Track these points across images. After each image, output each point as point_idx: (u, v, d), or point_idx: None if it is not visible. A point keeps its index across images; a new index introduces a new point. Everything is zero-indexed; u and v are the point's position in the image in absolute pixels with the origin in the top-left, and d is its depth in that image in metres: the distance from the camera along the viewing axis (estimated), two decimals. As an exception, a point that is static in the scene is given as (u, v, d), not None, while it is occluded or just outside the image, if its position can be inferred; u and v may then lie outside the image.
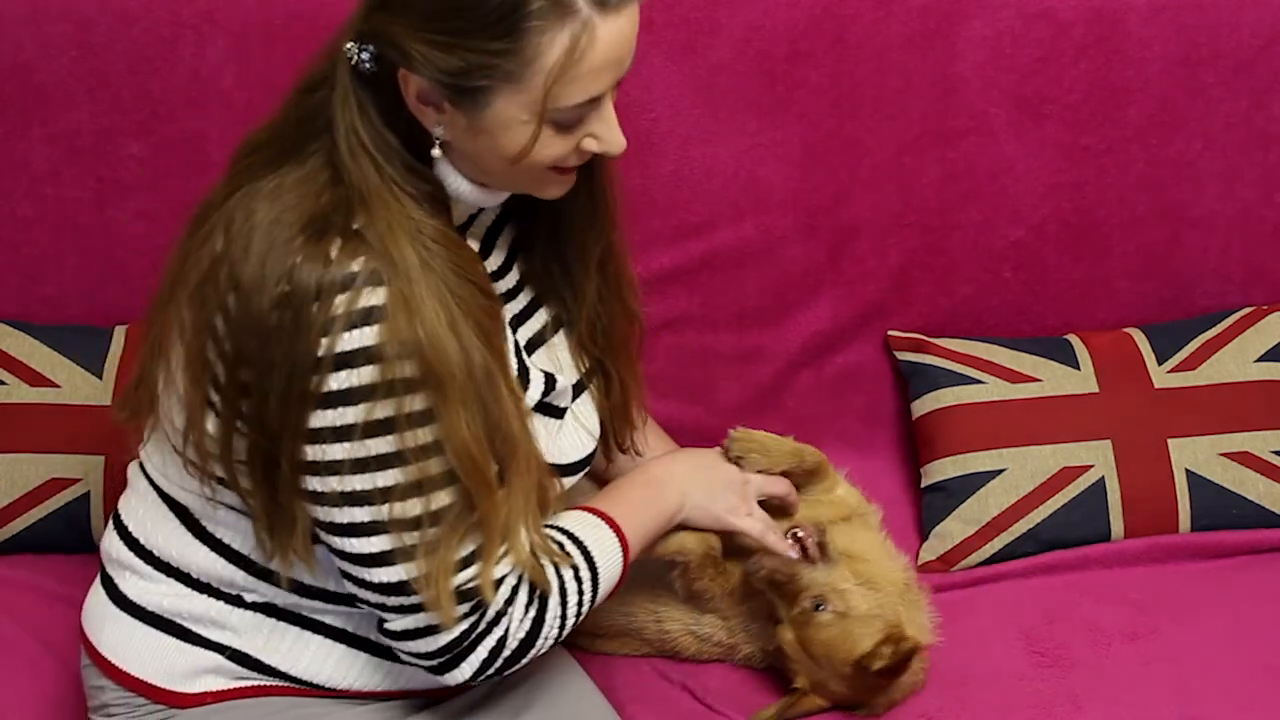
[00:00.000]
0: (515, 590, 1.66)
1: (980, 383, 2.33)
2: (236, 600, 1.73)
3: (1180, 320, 2.43)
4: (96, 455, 2.21)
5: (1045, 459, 2.27)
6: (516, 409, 1.62)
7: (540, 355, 1.79)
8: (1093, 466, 2.26)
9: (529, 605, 1.67)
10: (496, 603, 1.64)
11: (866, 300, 2.42)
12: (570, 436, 1.80)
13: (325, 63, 1.60)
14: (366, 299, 1.52)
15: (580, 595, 1.72)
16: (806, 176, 2.35)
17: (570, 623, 1.72)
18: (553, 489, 1.71)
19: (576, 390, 1.83)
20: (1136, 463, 2.26)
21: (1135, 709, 1.98)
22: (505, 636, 1.66)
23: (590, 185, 1.73)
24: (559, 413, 1.79)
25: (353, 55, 1.55)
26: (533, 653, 1.70)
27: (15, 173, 2.30)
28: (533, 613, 1.68)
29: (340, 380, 1.53)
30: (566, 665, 1.89)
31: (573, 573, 1.71)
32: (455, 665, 1.67)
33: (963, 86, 2.34)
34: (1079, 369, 2.34)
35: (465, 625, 1.64)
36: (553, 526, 1.74)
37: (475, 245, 1.72)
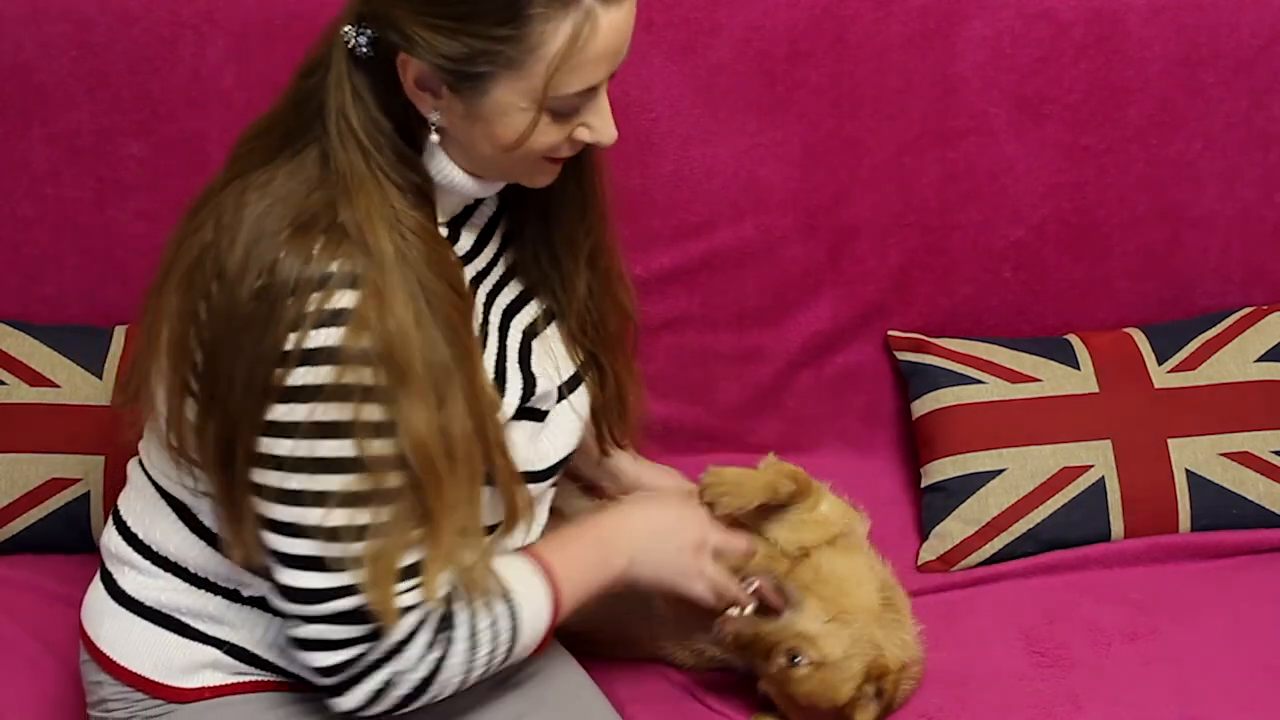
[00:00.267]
0: (417, 629, 1.62)
1: (980, 383, 2.33)
2: (233, 595, 1.72)
3: (1180, 320, 2.43)
4: (96, 455, 2.21)
5: (1045, 459, 2.27)
6: (471, 412, 1.59)
7: (535, 346, 1.78)
8: (1093, 466, 2.26)
9: (431, 646, 1.63)
10: (395, 634, 1.60)
11: (866, 300, 2.42)
12: (551, 439, 1.77)
13: (322, 46, 1.60)
14: (337, 300, 1.52)
15: (494, 650, 1.67)
16: (806, 176, 2.35)
17: (477, 674, 1.67)
18: (522, 498, 1.68)
19: (573, 383, 1.82)
20: (1136, 463, 2.26)
21: (1135, 709, 1.98)
22: (398, 674, 1.62)
23: (579, 178, 1.73)
24: (540, 415, 1.77)
25: (349, 38, 1.55)
26: (426, 698, 1.65)
27: (15, 173, 2.30)
28: (434, 654, 1.63)
29: (299, 376, 1.53)
30: (567, 665, 1.88)
31: (489, 623, 1.66)
32: (345, 690, 1.63)
33: (963, 86, 2.34)
34: (1079, 369, 2.34)
35: (359, 649, 1.61)
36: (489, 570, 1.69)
37: (473, 236, 1.72)
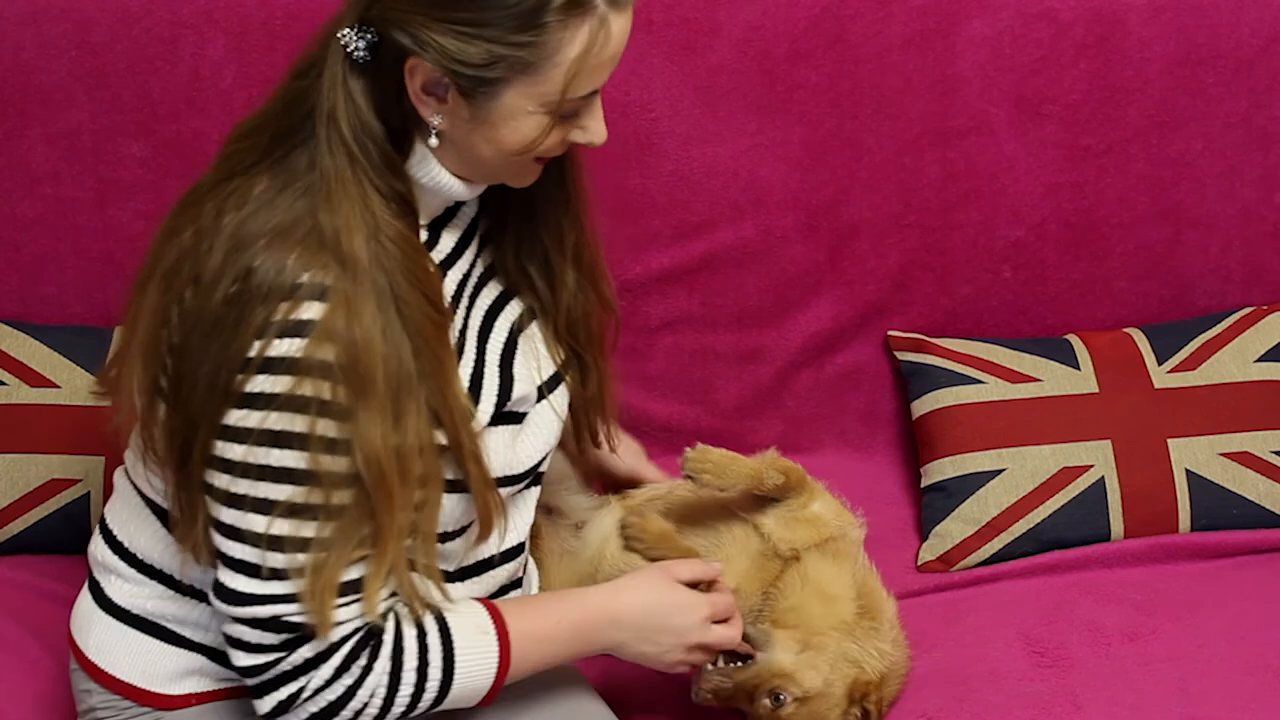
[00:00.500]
0: (332, 651, 1.60)
1: (980, 383, 2.33)
2: None
3: (1180, 320, 2.43)
4: (96, 455, 2.21)
5: (1045, 459, 2.27)
6: (440, 423, 1.59)
7: (521, 344, 1.77)
8: (1093, 466, 2.26)
9: (344, 670, 1.61)
10: (308, 650, 1.59)
11: (866, 300, 2.42)
12: (530, 440, 1.77)
13: (316, 48, 1.59)
14: (303, 311, 1.52)
15: (418, 692, 1.63)
16: (806, 176, 2.35)
17: (398, 711, 1.63)
18: (494, 503, 1.67)
19: (554, 382, 1.81)
20: (1136, 463, 2.26)
21: (1135, 709, 1.98)
22: (306, 690, 1.61)
23: (560, 175, 1.74)
24: (519, 418, 1.76)
25: (349, 42, 1.55)
26: None
27: (15, 173, 2.30)
28: (347, 679, 1.61)
29: (258, 384, 1.53)
30: (564, 666, 1.88)
31: (416, 664, 1.63)
32: (260, 693, 1.63)
33: (963, 86, 2.34)
34: (1079, 369, 2.34)
35: (272, 657, 1.61)
36: (434, 613, 1.66)
37: (455, 237, 1.72)
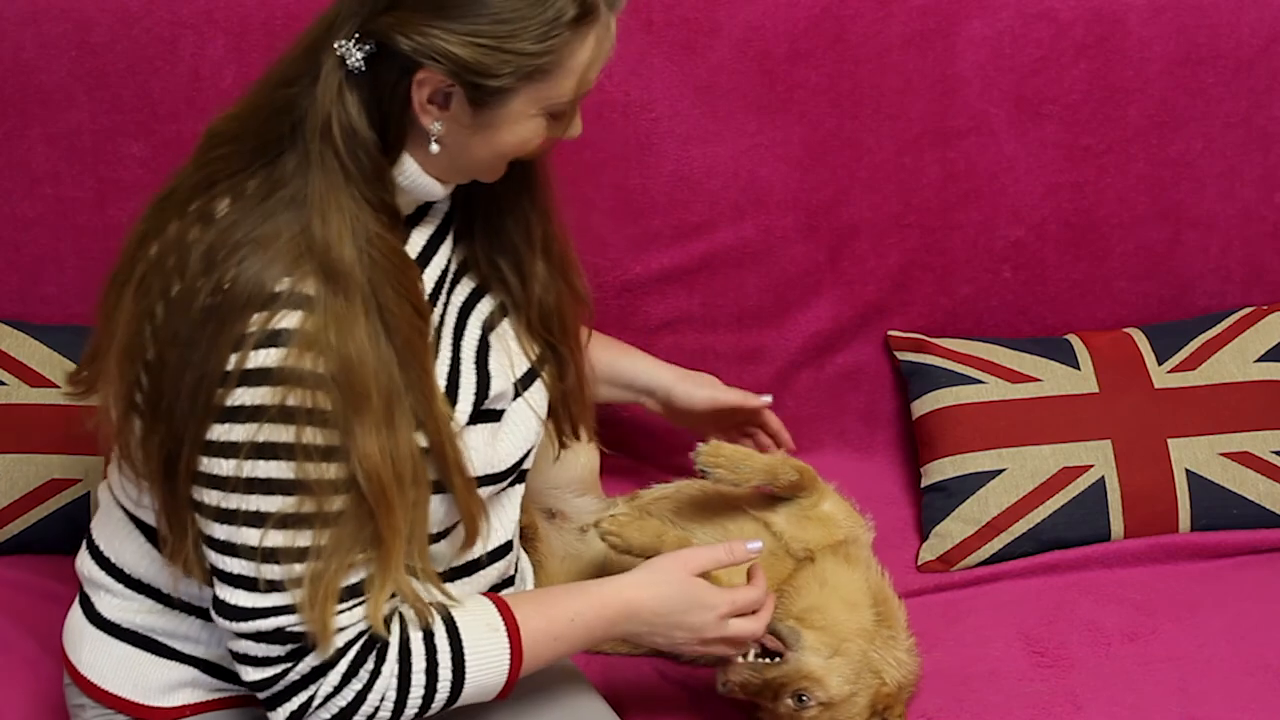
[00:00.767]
0: (339, 658, 1.61)
1: (980, 383, 2.33)
2: (206, 614, 1.70)
3: (1180, 320, 2.43)
4: (96, 456, 2.20)
5: (1045, 459, 2.27)
6: (425, 431, 1.59)
7: (493, 342, 1.77)
8: (1093, 466, 2.26)
9: (351, 675, 1.62)
10: (314, 658, 1.60)
11: (866, 300, 2.42)
12: (510, 438, 1.76)
13: (301, 57, 1.58)
14: (281, 321, 1.52)
15: (429, 693, 1.65)
16: (806, 176, 2.35)
17: (411, 712, 1.64)
18: (475, 506, 1.67)
19: (528, 379, 1.81)
20: (1136, 463, 2.26)
21: (1135, 709, 1.98)
22: (317, 698, 1.62)
23: (524, 165, 1.72)
24: (497, 415, 1.75)
25: (346, 53, 1.54)
26: None
27: (15, 173, 2.30)
28: (356, 684, 1.62)
29: (239, 397, 1.52)
30: (564, 665, 1.87)
31: (424, 666, 1.64)
32: (274, 705, 1.63)
33: (963, 86, 2.34)
34: (1079, 369, 2.34)
35: (280, 669, 1.61)
36: (441, 613, 1.67)
37: (426, 235, 1.71)
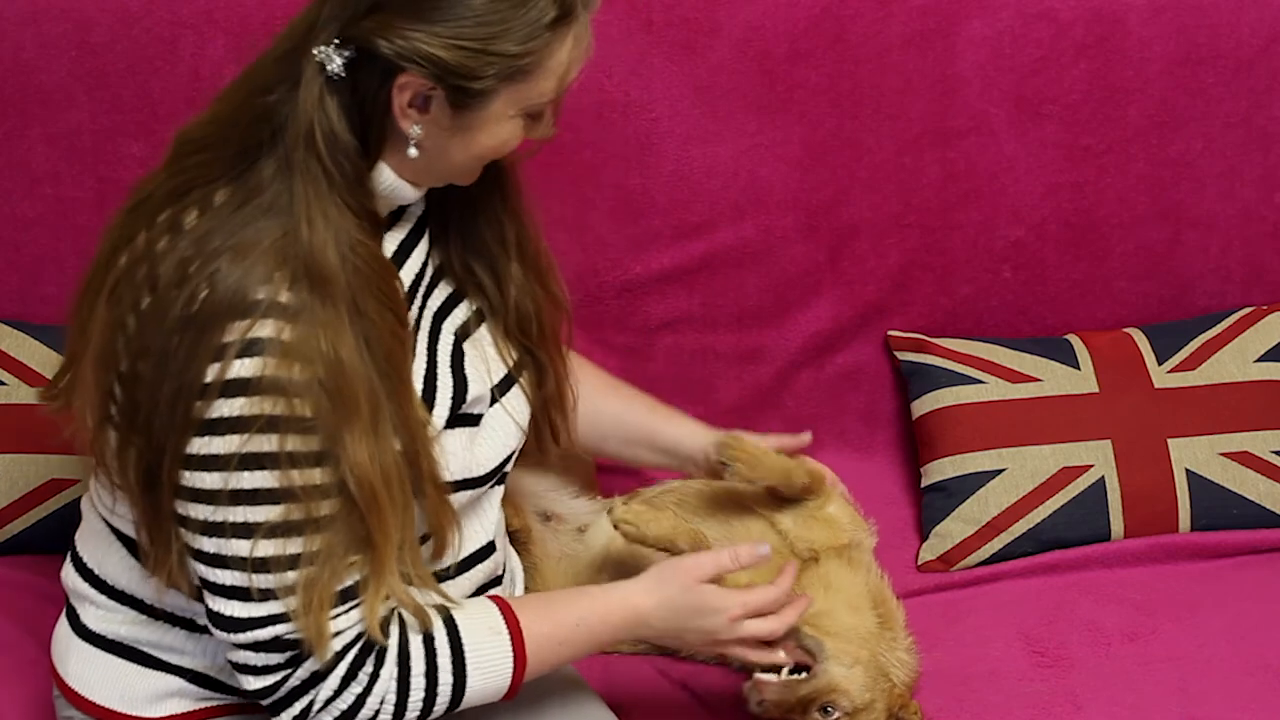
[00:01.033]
0: (336, 663, 1.61)
1: (980, 383, 2.33)
2: (190, 624, 1.71)
3: (1180, 320, 2.43)
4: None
5: (1045, 459, 2.27)
6: (402, 440, 1.58)
7: (467, 349, 1.75)
8: (1093, 466, 2.26)
9: (350, 679, 1.61)
10: (311, 664, 1.60)
11: (866, 300, 2.42)
12: (488, 442, 1.75)
13: (282, 63, 1.57)
14: (260, 329, 1.51)
15: (430, 697, 1.64)
16: (806, 176, 2.35)
17: (413, 715, 1.64)
18: (446, 516, 1.66)
19: (505, 384, 1.80)
20: (1136, 463, 2.26)
21: (1135, 709, 1.98)
22: (317, 702, 1.62)
23: (495, 168, 1.72)
24: (475, 420, 1.74)
25: (326, 59, 1.53)
26: None
27: (15, 173, 2.30)
28: (355, 688, 1.62)
29: (218, 409, 1.51)
30: (563, 669, 1.87)
31: (424, 669, 1.63)
32: (276, 711, 1.64)
33: (963, 86, 2.34)
34: (1079, 369, 2.34)
35: (279, 676, 1.61)
36: (442, 616, 1.66)
37: (398, 239, 1.70)
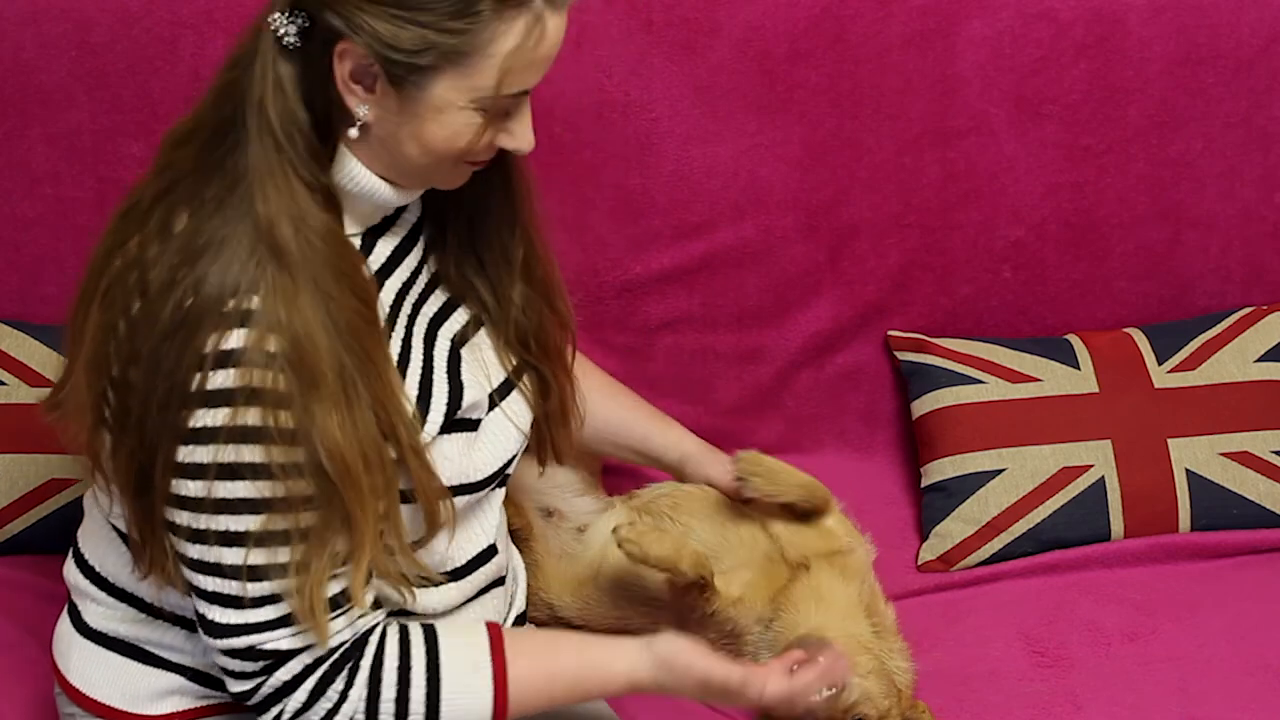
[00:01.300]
0: (305, 675, 1.60)
1: (980, 383, 2.33)
2: (188, 623, 1.70)
3: (1180, 320, 2.43)
4: (96, 455, 2.21)
5: (1045, 459, 2.27)
6: (378, 420, 1.56)
7: (465, 355, 1.74)
8: (1093, 466, 2.26)
9: (319, 694, 1.60)
10: (283, 674, 1.59)
11: (866, 300, 2.42)
12: (487, 448, 1.74)
13: (250, 38, 1.55)
14: (228, 340, 1.50)
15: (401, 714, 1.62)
16: (806, 176, 2.35)
17: None
18: (444, 510, 1.65)
19: (505, 389, 1.78)
20: (1136, 463, 2.26)
21: (1135, 709, 1.98)
22: (287, 712, 1.61)
23: (506, 186, 1.71)
24: (473, 425, 1.73)
25: (279, 26, 1.51)
26: None
27: (15, 173, 2.30)
28: (325, 704, 1.60)
29: (199, 418, 1.51)
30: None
31: (394, 695, 1.61)
32: (259, 712, 1.63)
33: (963, 86, 2.34)
34: (1079, 369, 2.34)
35: (254, 683, 1.61)
36: (428, 641, 1.64)
37: (391, 245, 1.68)
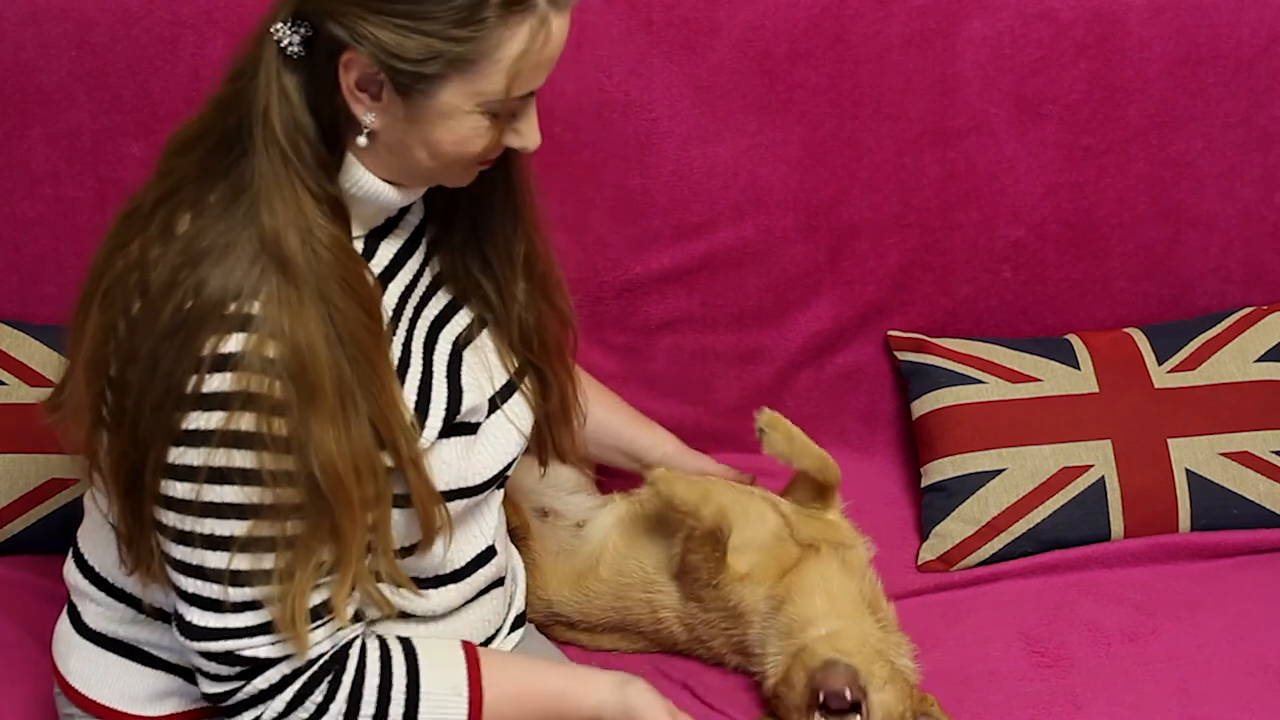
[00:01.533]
0: (284, 685, 1.62)
1: (980, 383, 2.33)
2: None
3: (1180, 320, 2.43)
4: (96, 455, 2.21)
5: (1045, 459, 2.27)
6: (377, 432, 1.57)
7: (467, 356, 1.74)
8: (1093, 466, 2.26)
9: (298, 704, 1.62)
10: (260, 682, 1.61)
11: (866, 300, 2.42)
12: (486, 451, 1.74)
13: (253, 47, 1.55)
14: (227, 344, 1.50)
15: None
16: (806, 176, 2.35)
17: None
18: (440, 516, 1.66)
19: (507, 392, 1.79)
20: (1136, 463, 2.26)
21: (1135, 709, 1.98)
22: (262, 717, 1.63)
23: (507, 187, 1.71)
24: (472, 429, 1.73)
25: (282, 36, 1.51)
26: None
27: (15, 173, 2.30)
28: (302, 714, 1.63)
29: (192, 421, 1.51)
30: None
31: (374, 709, 1.64)
32: (230, 715, 1.64)
33: (963, 86, 2.34)
34: (1079, 369, 2.34)
35: (229, 687, 1.62)
36: (409, 658, 1.67)
37: (394, 247, 1.69)
